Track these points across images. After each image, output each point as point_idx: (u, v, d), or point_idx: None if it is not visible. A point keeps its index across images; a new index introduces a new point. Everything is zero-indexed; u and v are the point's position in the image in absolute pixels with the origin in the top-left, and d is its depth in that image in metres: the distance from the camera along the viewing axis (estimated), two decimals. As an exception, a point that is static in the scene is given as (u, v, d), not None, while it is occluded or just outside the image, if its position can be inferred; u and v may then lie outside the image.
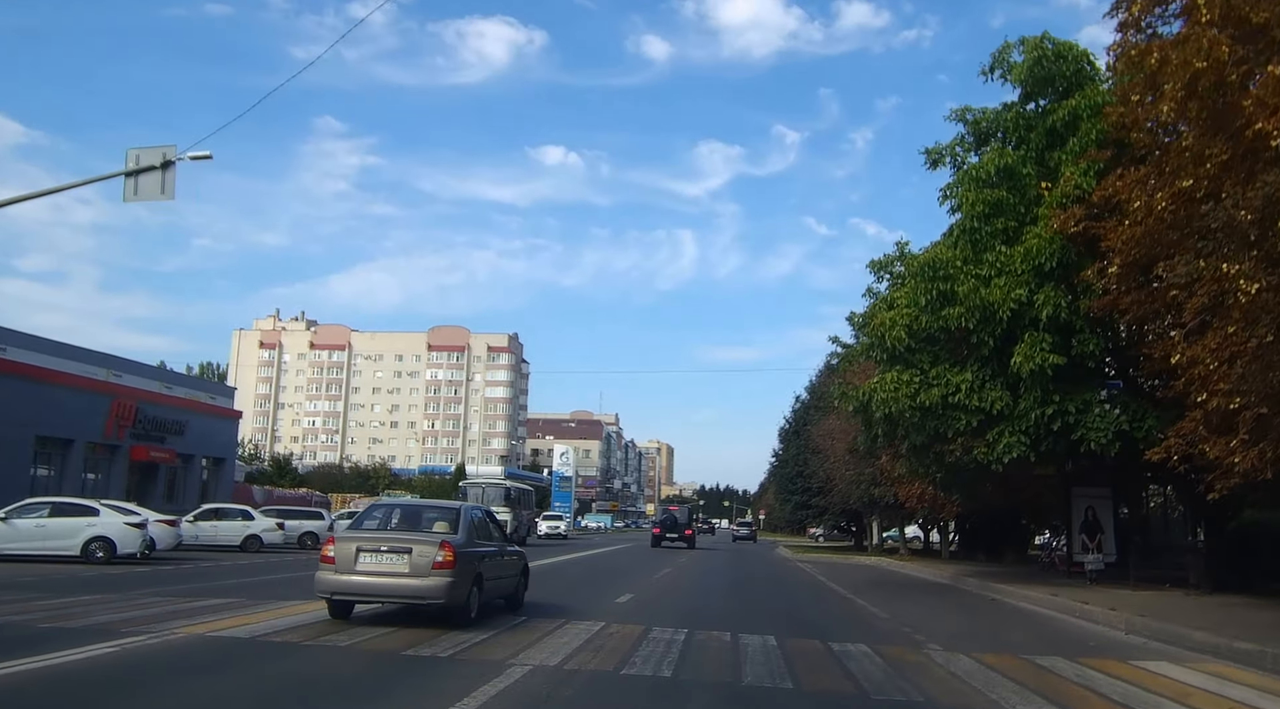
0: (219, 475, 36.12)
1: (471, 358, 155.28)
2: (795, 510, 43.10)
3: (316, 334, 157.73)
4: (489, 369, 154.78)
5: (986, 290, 16.29)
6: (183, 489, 33.45)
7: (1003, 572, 25.62)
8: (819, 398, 41.52)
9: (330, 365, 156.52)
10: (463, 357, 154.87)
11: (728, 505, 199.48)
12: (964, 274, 16.57)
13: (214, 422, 35.74)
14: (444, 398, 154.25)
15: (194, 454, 34.09)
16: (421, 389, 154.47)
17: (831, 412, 37.99)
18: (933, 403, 16.74)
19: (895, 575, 27.30)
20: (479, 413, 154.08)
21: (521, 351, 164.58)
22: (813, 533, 68.68)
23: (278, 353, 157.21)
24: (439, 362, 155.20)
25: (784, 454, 43.75)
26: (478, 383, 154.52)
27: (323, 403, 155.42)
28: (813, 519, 43.21)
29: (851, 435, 33.51)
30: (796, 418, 43.25)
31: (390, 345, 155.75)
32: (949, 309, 16.61)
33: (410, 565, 10.07)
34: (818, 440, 37.94)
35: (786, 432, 43.60)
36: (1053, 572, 24.95)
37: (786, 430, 43.76)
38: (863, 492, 33.85)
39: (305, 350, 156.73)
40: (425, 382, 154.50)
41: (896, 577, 26.70)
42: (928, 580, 24.62)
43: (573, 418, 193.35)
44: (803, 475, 40.97)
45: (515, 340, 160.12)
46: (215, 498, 33.72)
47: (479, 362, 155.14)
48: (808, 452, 40.51)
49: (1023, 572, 25.92)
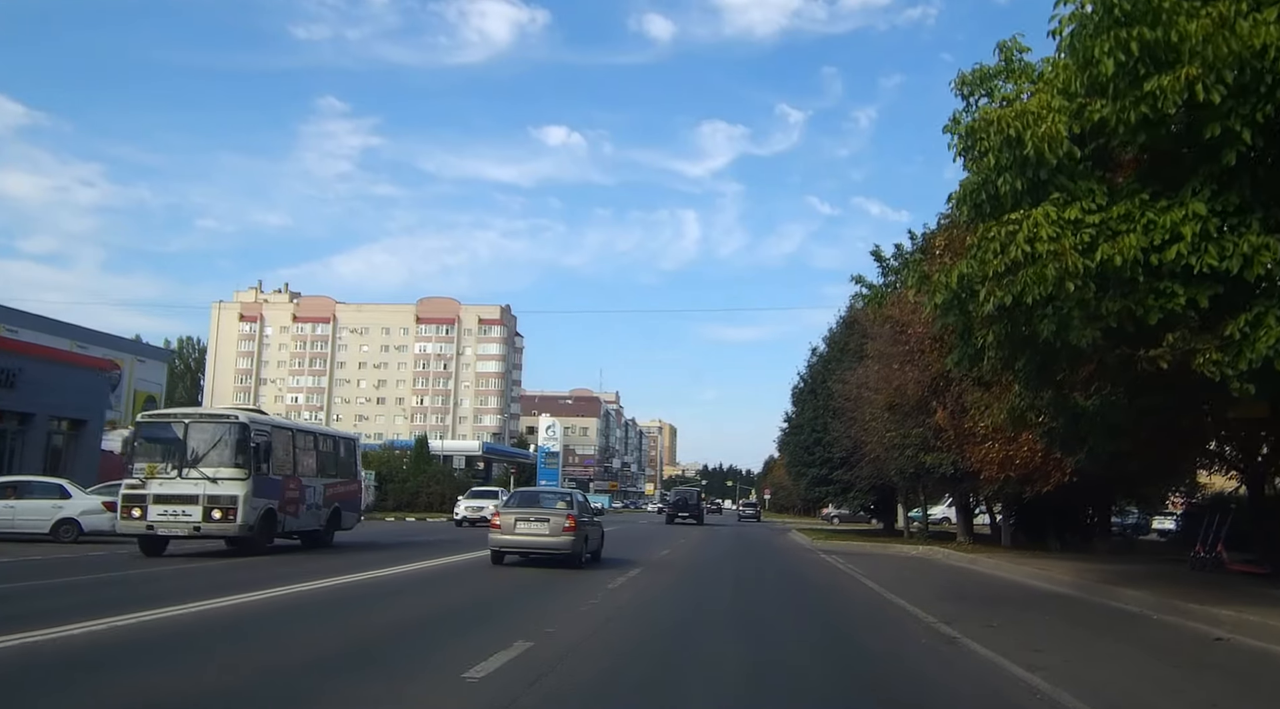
0: (78, 442, 28.09)
1: (462, 331, 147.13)
2: (813, 486, 34.20)
3: (300, 306, 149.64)
4: (480, 342, 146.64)
5: (1245, 27, 8.07)
6: (16, 458, 25.46)
7: (1127, 572, 17.49)
8: (841, 349, 33.48)
9: (314, 339, 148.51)
10: (453, 329, 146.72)
11: (731, 485, 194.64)
12: (1185, 5, 8.35)
13: (69, 373, 27.57)
14: (433, 372, 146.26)
15: (33, 413, 26.03)
16: (410, 363, 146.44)
17: (859, 363, 29.98)
18: (1125, 261, 8.54)
19: (979, 578, 18.63)
20: (470, 388, 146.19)
21: (515, 324, 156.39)
22: (827, 514, 60.57)
23: (259, 326, 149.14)
24: (428, 335, 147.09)
25: (798, 418, 35.29)
26: (468, 357, 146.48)
27: (306, 378, 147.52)
28: (835, 497, 34.67)
29: (894, 385, 25.40)
30: (813, 374, 34.72)
31: (377, 318, 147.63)
32: (1158, 78, 8.36)
33: (549, 529, 16.86)
34: (841, 400, 29.90)
35: (801, 391, 34.46)
36: (1209, 571, 16.90)
37: (801, 390, 34.61)
38: (907, 459, 25.60)
39: (288, 324, 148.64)
40: (414, 355, 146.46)
41: (983, 581, 18.15)
42: (1041, 590, 16.10)
43: (570, 395, 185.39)
44: (822, 443, 32.88)
45: (508, 313, 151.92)
46: (70, 470, 25.74)
47: (470, 335, 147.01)
48: (828, 414, 32.46)
49: (1153, 572, 17.75)
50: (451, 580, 15.22)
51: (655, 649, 8.66)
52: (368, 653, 7.68)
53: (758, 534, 40.59)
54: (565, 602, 11.94)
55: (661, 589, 14.89)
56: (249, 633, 8.61)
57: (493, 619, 10.25)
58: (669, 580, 16.55)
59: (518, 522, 16.78)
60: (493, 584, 14.62)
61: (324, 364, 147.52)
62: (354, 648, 7.98)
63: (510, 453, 78.70)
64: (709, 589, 15.41)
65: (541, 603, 11.92)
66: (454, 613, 10.88)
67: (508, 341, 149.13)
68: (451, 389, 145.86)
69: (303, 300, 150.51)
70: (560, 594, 13.03)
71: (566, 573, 16.13)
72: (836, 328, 33.65)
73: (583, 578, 15.55)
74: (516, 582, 14.86)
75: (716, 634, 9.85)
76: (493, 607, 11.61)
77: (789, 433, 35.69)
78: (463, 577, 15.81)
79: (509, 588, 14.08)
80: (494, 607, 11.62)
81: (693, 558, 23.94)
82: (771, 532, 43.86)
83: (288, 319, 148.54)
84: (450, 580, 15.24)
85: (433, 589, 13.71)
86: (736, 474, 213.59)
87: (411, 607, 11.26)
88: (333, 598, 11.75)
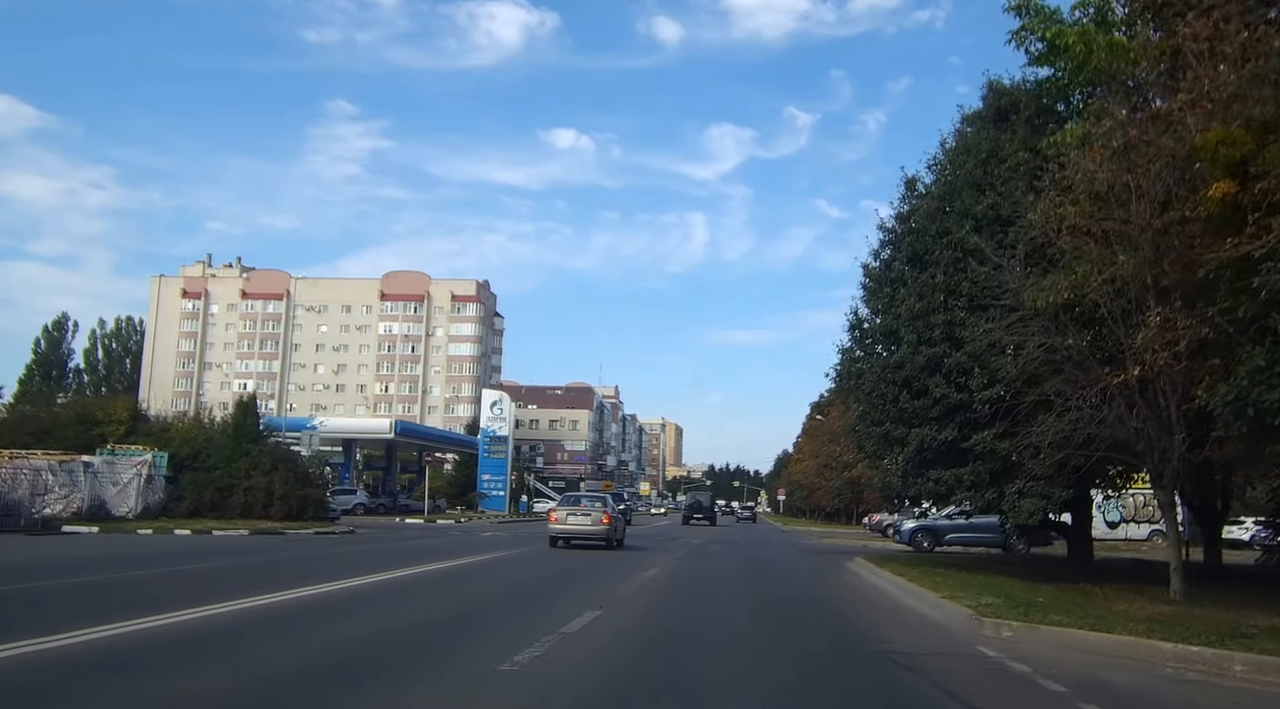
0: None
1: (433, 309, 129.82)
2: (917, 468, 15.43)
3: (250, 281, 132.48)
4: (453, 322, 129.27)
5: None
6: None
7: None
8: (956, 175, 15.61)
9: (266, 318, 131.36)
10: (422, 307, 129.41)
11: (738, 485, 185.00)
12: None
13: None
14: (400, 356, 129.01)
15: None
16: (373, 345, 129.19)
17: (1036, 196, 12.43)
18: None
19: None
20: (441, 374, 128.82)
21: (494, 304, 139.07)
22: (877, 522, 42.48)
23: (203, 303, 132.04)
24: (394, 313, 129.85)
25: (881, 327, 16.50)
26: (440, 338, 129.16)
27: (256, 362, 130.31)
28: (973, 488, 16.02)
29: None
30: (912, 233, 15.77)
31: (337, 294, 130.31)
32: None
33: (592, 521, 22.84)
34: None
35: (884, 271, 16.22)
36: None
37: (885, 267, 16.33)
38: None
39: (236, 300, 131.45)
40: (378, 337, 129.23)
41: None
42: None
43: (560, 386, 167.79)
44: (943, 369, 14.57)
45: (486, 289, 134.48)
46: None
47: (441, 313, 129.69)
48: (958, 302, 14.47)
49: None
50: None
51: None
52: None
53: (769, 557, 26.77)
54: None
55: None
56: None
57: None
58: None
59: (569, 516, 23.23)
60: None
61: (276, 346, 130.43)
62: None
63: (440, 437, 61.41)
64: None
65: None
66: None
67: (484, 322, 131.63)
68: (420, 374, 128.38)
69: (253, 275, 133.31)
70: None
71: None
72: (952, 142, 16.01)
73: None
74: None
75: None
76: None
77: (852, 370, 17.05)
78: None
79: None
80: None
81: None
82: (798, 554, 27.01)
83: (236, 296, 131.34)
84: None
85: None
86: (744, 475, 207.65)
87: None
88: None
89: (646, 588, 14.60)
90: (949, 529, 28.15)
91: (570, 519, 22.86)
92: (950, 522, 27.49)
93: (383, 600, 11.59)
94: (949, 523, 27.62)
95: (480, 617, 10.66)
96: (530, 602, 12.25)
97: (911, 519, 29.62)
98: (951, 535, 28.26)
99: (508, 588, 14.16)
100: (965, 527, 27.26)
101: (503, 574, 16.38)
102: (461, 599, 12.33)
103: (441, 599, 12.21)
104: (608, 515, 22.69)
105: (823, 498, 61.64)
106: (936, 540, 28.22)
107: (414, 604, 11.41)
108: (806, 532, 49.77)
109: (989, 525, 25.95)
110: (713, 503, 59.73)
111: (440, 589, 13.50)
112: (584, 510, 23.19)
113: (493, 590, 13.70)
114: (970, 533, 27.54)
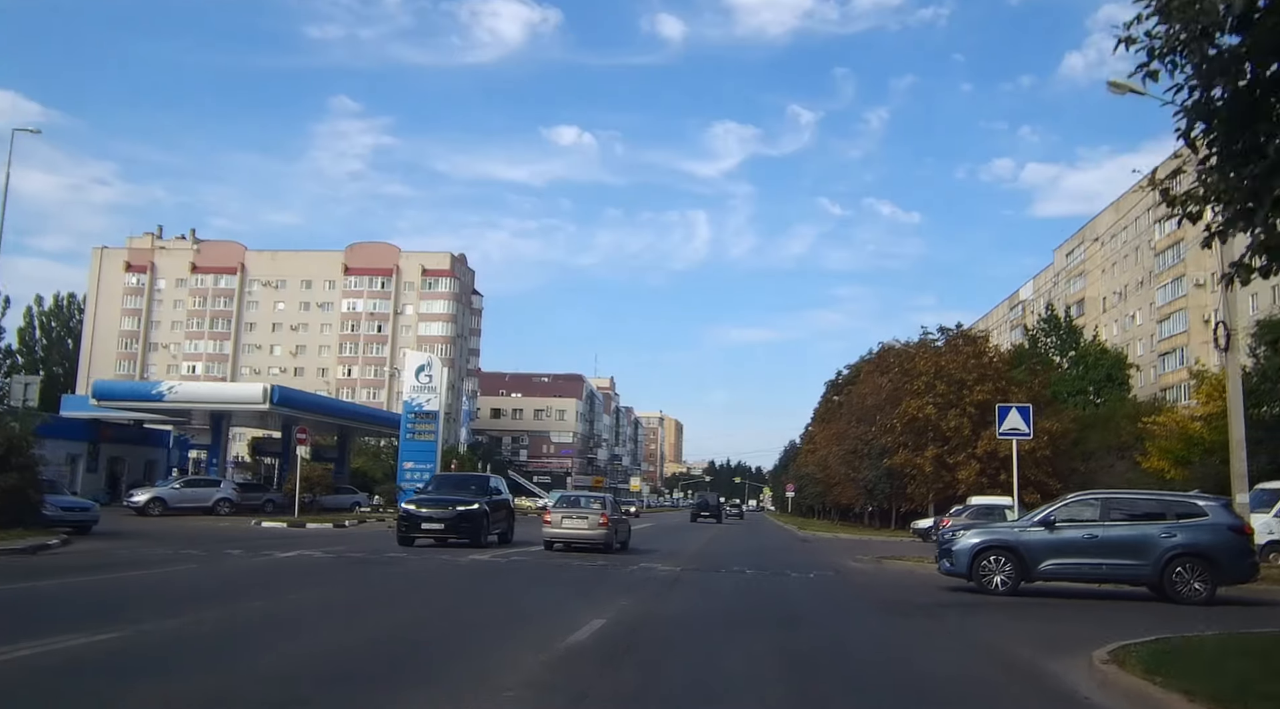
0: None
1: (402, 284, 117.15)
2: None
3: (200, 253, 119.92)
4: (424, 298, 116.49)
5: None
6: None
7: None
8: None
9: (217, 294, 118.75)
10: (390, 282, 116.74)
11: (739, 482, 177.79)
12: None
13: None
14: (364, 335, 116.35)
15: None
16: (336, 324, 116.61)
17: None
18: None
19: None
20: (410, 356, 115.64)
21: (472, 280, 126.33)
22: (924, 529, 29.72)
23: (149, 277, 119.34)
24: (359, 288, 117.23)
25: None
26: (409, 316, 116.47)
27: (206, 342, 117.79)
28: None
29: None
30: None
31: (296, 267, 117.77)
32: None
33: (589, 524, 21.05)
34: None
35: None
36: None
37: None
38: None
39: (186, 275, 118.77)
40: (341, 314, 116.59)
41: None
42: None
43: (547, 374, 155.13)
44: None
45: (461, 264, 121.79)
46: None
47: (411, 289, 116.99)
48: None
49: None
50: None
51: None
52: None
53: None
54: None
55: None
56: None
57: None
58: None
59: (564, 518, 21.40)
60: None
61: (228, 325, 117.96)
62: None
63: (345, 411, 48.83)
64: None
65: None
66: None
67: (459, 299, 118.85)
68: (387, 356, 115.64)
69: (204, 246, 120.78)
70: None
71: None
72: None
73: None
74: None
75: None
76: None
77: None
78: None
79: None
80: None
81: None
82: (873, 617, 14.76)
83: (186, 270, 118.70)
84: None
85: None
86: (745, 471, 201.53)
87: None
88: None
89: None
90: (1048, 549, 14.20)
91: (566, 522, 21.39)
92: (1049, 536, 14.18)
93: None
94: (1049, 539, 14.15)
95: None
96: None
97: (978, 528, 15.52)
98: (1053, 562, 14.24)
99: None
100: (1082, 546, 14.06)
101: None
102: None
103: None
104: (606, 517, 21.30)
105: (847, 494, 48.78)
106: (1022, 571, 14.24)
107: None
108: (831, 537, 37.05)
109: (1135, 542, 13.83)
110: (719, 502, 67.49)
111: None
112: (581, 512, 21.72)
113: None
114: (1094, 559, 14.07)
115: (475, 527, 21.06)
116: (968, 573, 14.01)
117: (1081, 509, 14.20)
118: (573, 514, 21.45)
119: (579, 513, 21.52)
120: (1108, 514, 14.04)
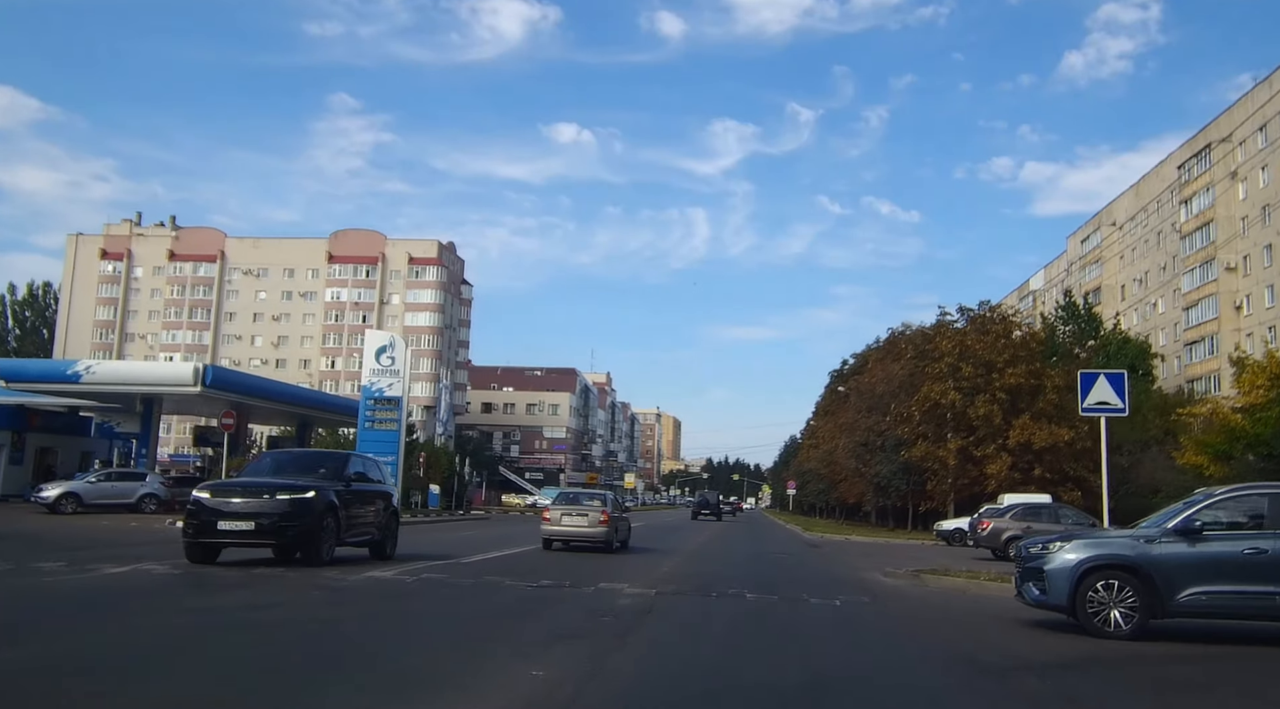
0: None
1: (388, 272, 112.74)
2: None
3: (179, 240, 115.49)
4: (410, 288, 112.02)
5: None
6: None
7: None
8: None
9: (196, 282, 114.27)
10: (375, 271, 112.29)
11: (737, 479, 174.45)
12: None
13: None
14: (349, 326, 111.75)
15: None
16: (319, 315, 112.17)
17: None
18: None
19: None
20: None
21: (461, 269, 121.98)
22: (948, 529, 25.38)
23: (125, 265, 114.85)
24: (343, 277, 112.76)
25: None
26: (395, 306, 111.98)
27: (185, 333, 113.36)
28: None
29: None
30: None
31: (278, 256, 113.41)
32: None
33: (589, 522, 20.44)
34: None
35: None
36: None
37: None
38: None
39: (163, 263, 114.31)
40: (324, 304, 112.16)
41: None
42: None
43: (540, 368, 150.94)
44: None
45: (450, 252, 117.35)
46: None
47: (398, 278, 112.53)
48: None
49: None
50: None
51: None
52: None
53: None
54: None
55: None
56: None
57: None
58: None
59: (563, 516, 20.81)
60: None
61: (207, 315, 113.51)
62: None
63: (289, 396, 44.41)
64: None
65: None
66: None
67: (448, 289, 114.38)
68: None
69: (183, 233, 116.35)
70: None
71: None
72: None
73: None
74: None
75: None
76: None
77: None
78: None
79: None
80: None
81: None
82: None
83: (164, 257, 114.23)
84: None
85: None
86: (743, 468, 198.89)
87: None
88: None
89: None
90: (1191, 570, 9.35)
91: (565, 520, 20.70)
92: (1192, 550, 9.36)
93: None
94: (1192, 555, 9.34)
95: None
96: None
97: (1079, 539, 10.21)
98: (1200, 590, 9.29)
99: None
100: (1247, 566, 9.15)
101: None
102: None
103: None
104: (607, 515, 20.60)
105: (855, 490, 44.36)
106: (1153, 602, 9.38)
107: None
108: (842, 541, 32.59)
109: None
110: (719, 501, 69.21)
111: None
112: (581, 509, 20.92)
113: None
114: (1266, 586, 9.11)
115: (308, 529, 13.37)
116: (1068, 605, 9.47)
117: (1241, 510, 9.49)
118: (572, 512, 20.82)
119: (579, 510, 20.85)
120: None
